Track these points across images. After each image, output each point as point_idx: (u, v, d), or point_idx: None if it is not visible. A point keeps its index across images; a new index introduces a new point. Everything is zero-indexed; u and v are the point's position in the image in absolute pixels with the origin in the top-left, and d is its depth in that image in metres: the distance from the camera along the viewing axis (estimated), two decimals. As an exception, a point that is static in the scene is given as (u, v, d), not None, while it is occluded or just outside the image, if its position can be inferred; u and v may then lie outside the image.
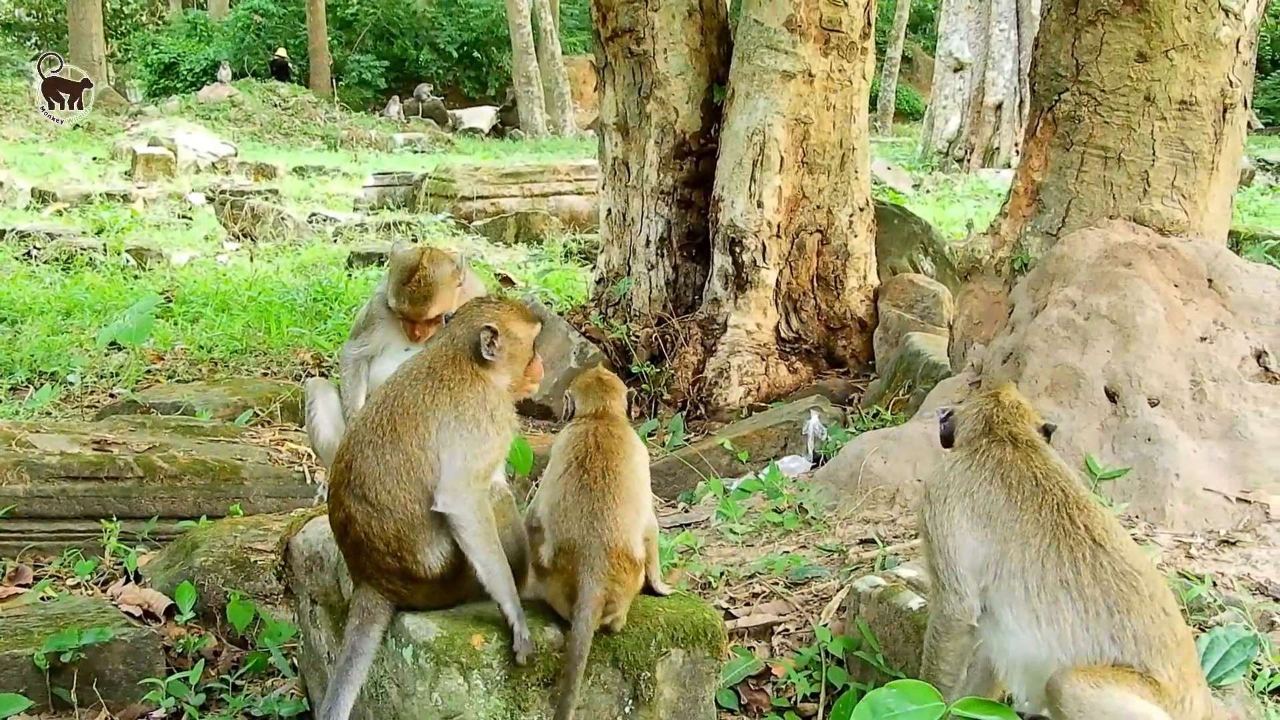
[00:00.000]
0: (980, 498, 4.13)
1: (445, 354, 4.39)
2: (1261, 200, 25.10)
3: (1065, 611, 3.89)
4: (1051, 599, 3.92)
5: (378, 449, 4.18)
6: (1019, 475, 4.15)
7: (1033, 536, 4.00)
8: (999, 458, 4.22)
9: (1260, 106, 50.07)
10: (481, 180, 24.07)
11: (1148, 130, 7.61)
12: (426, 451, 4.16)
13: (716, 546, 7.11)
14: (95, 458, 7.75)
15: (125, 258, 17.40)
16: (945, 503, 4.18)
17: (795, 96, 11.05)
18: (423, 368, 4.36)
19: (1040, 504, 4.07)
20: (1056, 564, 3.94)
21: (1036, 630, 3.92)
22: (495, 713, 4.16)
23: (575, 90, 53.55)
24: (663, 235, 11.86)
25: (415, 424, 4.18)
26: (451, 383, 4.28)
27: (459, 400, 4.23)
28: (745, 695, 5.66)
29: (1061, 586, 3.92)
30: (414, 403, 4.23)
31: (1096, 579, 3.90)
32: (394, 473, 4.14)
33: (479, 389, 4.29)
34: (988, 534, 4.06)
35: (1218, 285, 7.27)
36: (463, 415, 4.21)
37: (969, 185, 29.79)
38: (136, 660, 5.95)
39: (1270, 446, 6.55)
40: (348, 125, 46.68)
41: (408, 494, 4.13)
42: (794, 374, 11.20)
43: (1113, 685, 3.71)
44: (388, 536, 4.13)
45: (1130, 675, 3.76)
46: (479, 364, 4.34)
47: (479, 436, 4.21)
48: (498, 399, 4.31)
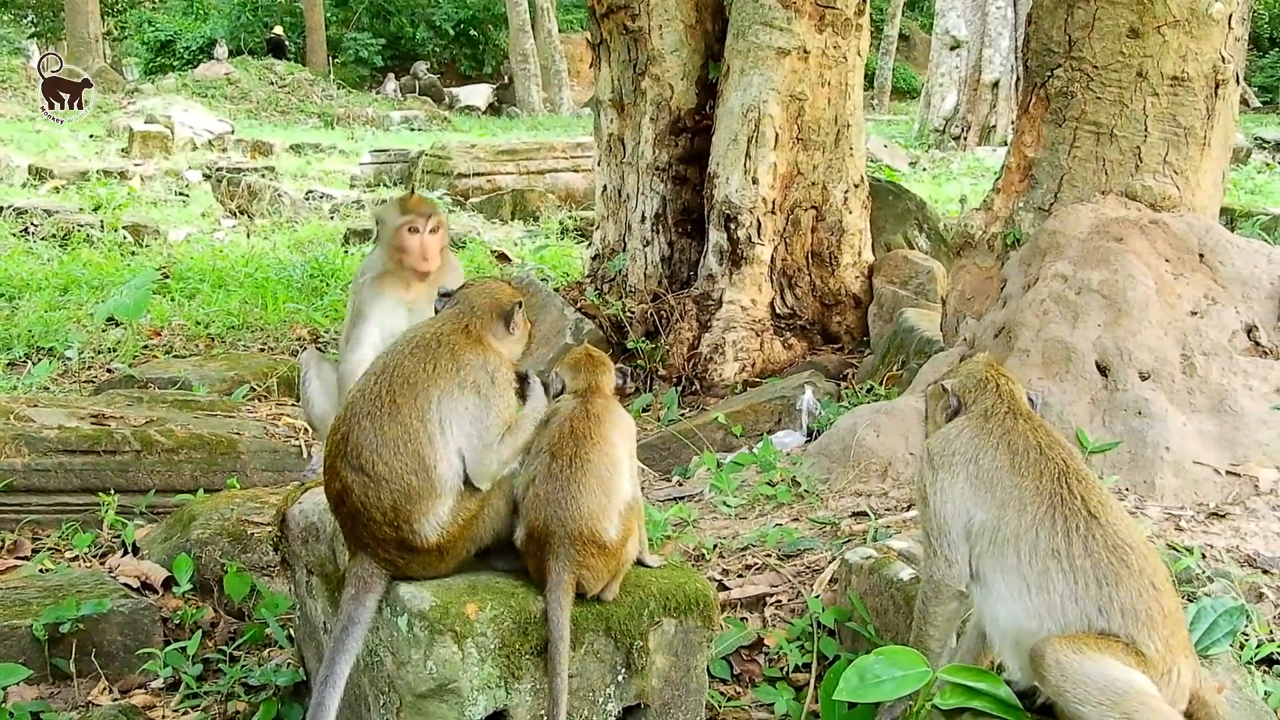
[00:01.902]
0: (985, 463, 4.15)
1: (458, 320, 4.45)
2: (1258, 178, 25.07)
3: (1055, 581, 3.92)
4: (1042, 568, 3.95)
5: (375, 420, 4.21)
6: (1025, 444, 4.19)
7: (1030, 504, 4.03)
8: (1007, 426, 4.26)
9: (1258, 85, 50.07)
10: (478, 157, 24.04)
11: (1140, 106, 7.63)
12: (426, 424, 4.20)
13: (710, 519, 7.16)
14: (93, 432, 7.78)
15: (122, 234, 17.41)
16: (950, 468, 4.21)
17: (790, 73, 11.06)
18: (429, 334, 4.41)
19: (1041, 472, 4.11)
20: (1050, 533, 3.97)
21: (1027, 598, 3.95)
22: (489, 680, 4.20)
23: (572, 68, 53.47)
24: (658, 211, 11.87)
25: (414, 395, 4.22)
26: (456, 347, 4.33)
27: (460, 365, 4.28)
28: (738, 665, 5.71)
29: (1053, 556, 3.94)
30: (414, 373, 4.26)
31: (1088, 550, 3.93)
32: (391, 444, 4.17)
33: (480, 353, 4.35)
34: (988, 499, 4.09)
35: (1209, 260, 7.31)
36: (464, 382, 4.27)
37: (965, 163, 29.74)
38: (134, 631, 6.00)
39: (1259, 420, 6.59)
40: (344, 103, 46.58)
41: (404, 465, 4.16)
42: (788, 350, 11.21)
43: (1095, 652, 3.75)
44: (384, 507, 4.16)
45: (1114, 644, 3.79)
46: (493, 335, 4.41)
47: (484, 405, 4.27)
48: (498, 363, 4.38)
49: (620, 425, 4.57)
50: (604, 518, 4.31)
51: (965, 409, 4.39)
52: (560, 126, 41.56)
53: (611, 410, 4.58)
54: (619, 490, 4.40)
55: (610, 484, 4.38)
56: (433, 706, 4.17)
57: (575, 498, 4.30)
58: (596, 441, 4.41)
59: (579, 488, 4.31)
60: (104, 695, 5.78)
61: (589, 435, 4.42)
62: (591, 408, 4.52)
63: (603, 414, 4.52)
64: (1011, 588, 3.99)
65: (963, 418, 4.36)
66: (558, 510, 4.29)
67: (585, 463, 4.35)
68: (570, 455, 4.37)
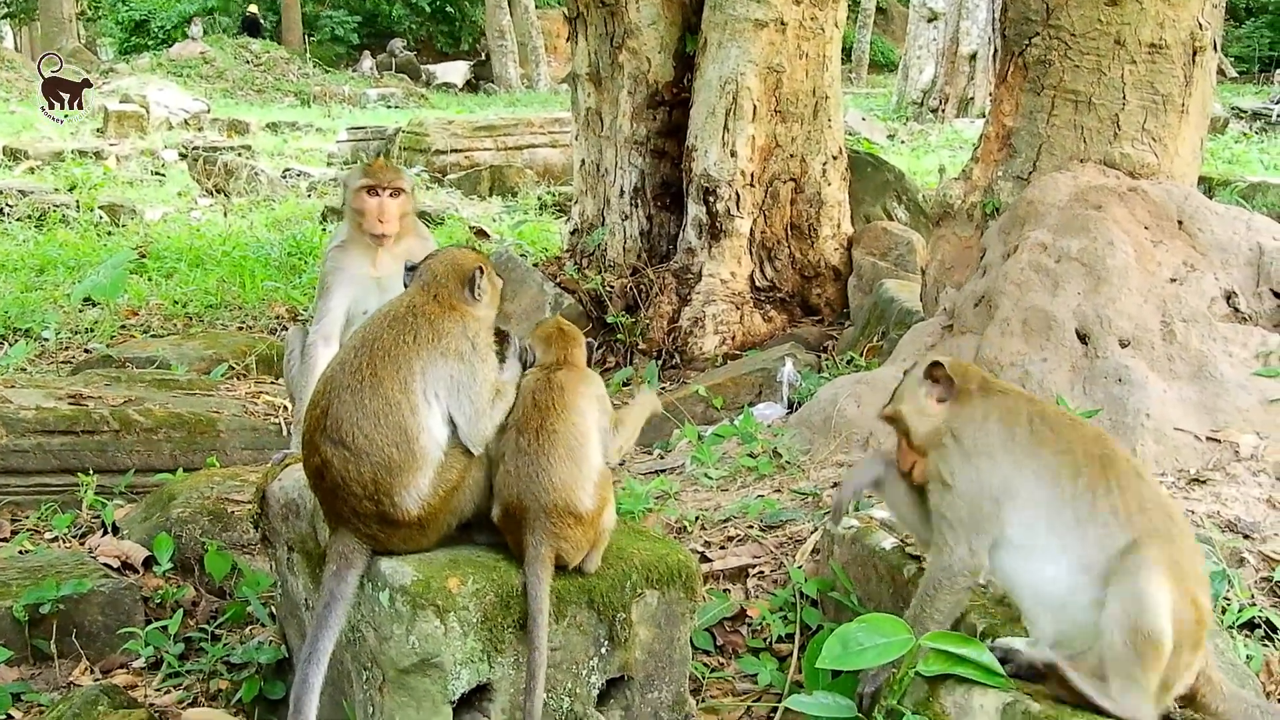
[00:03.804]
0: (1023, 437, 4.09)
1: (426, 291, 4.42)
2: (1235, 148, 25.13)
3: (1116, 538, 3.91)
4: (1102, 529, 3.93)
5: (356, 393, 4.18)
6: (1054, 411, 4.19)
7: (1084, 467, 4.00)
8: (1028, 398, 4.25)
9: (1235, 55, 50.04)
10: (455, 134, 23.98)
11: (1118, 74, 7.62)
12: (409, 394, 4.18)
13: (692, 492, 7.16)
14: (71, 412, 7.76)
15: (98, 214, 17.36)
16: (987, 452, 4.12)
17: (767, 45, 11.03)
18: (402, 307, 4.38)
19: (1083, 437, 4.11)
20: (1106, 493, 3.95)
21: (1079, 560, 3.94)
22: (472, 654, 4.19)
23: (549, 44, 53.27)
24: (636, 185, 11.84)
25: (397, 367, 4.20)
26: (432, 316, 4.31)
27: (440, 333, 4.26)
28: (721, 637, 5.72)
29: (1112, 514, 3.94)
30: (394, 344, 4.24)
31: (1143, 509, 3.94)
32: (372, 416, 4.15)
33: (458, 320, 4.33)
34: (1036, 469, 4.03)
35: (1187, 227, 7.31)
36: (447, 350, 4.25)
37: (943, 135, 29.78)
38: (115, 611, 6.00)
39: (1239, 386, 6.60)
40: (321, 81, 46.39)
41: (385, 437, 4.14)
42: (769, 322, 11.22)
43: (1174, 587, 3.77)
44: (364, 480, 4.15)
45: (1189, 591, 3.83)
46: (465, 301, 4.39)
47: (469, 369, 4.26)
48: (477, 328, 4.37)
49: (587, 395, 4.53)
50: (577, 488, 4.30)
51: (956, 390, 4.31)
52: (538, 102, 41.44)
53: (577, 380, 4.54)
54: (589, 460, 4.38)
55: (580, 454, 4.36)
56: (415, 681, 4.16)
57: (546, 471, 4.28)
58: (561, 413, 4.39)
59: (548, 460, 4.29)
60: (85, 675, 5.78)
61: (553, 407, 4.39)
62: (555, 379, 4.49)
63: (567, 385, 4.49)
64: (1068, 552, 3.96)
65: (976, 399, 4.26)
66: (530, 485, 4.27)
67: (552, 434, 4.33)
68: (536, 429, 4.34)
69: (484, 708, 4.31)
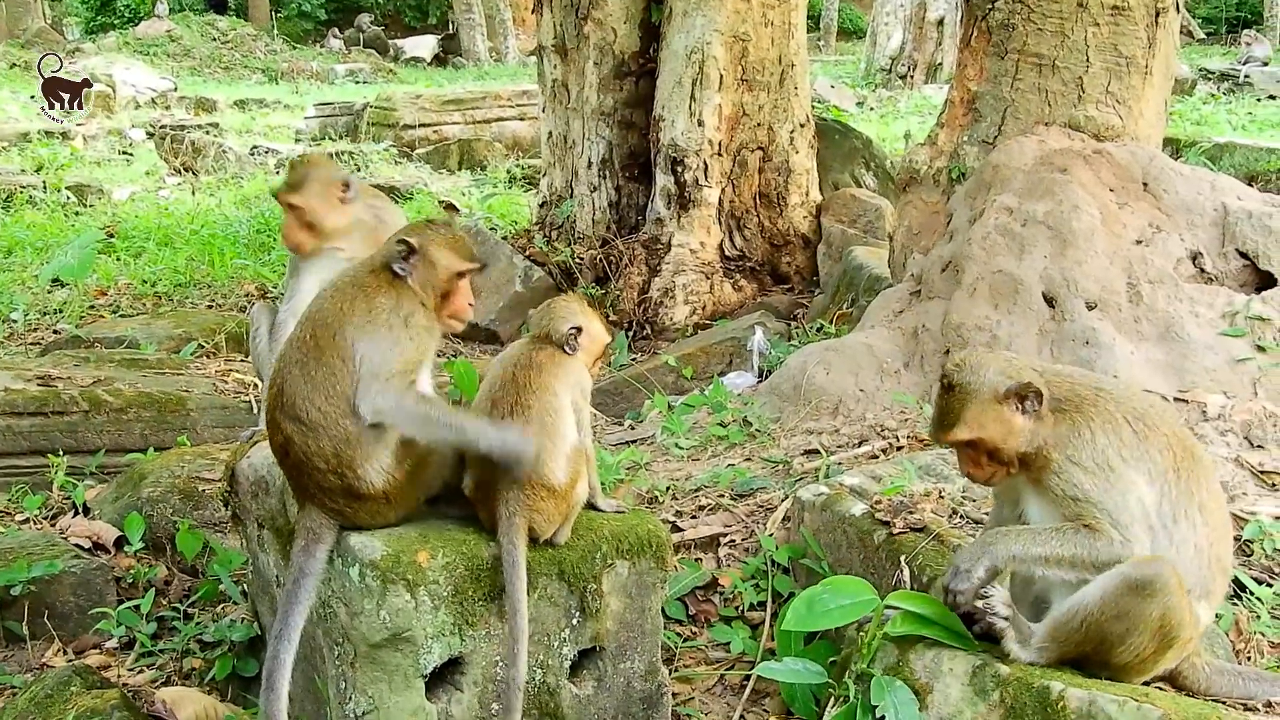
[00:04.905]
0: (1130, 443, 4.01)
1: (369, 264, 4.40)
2: (1203, 109, 25.17)
3: (1199, 532, 3.99)
4: (1191, 523, 3.99)
5: (303, 366, 4.18)
6: (1143, 406, 4.14)
7: (1182, 466, 4.01)
8: (1110, 395, 4.16)
9: (1202, 17, 50.13)
10: (423, 108, 23.91)
11: (1081, 36, 7.64)
12: (347, 363, 4.15)
13: (662, 461, 7.17)
14: (40, 393, 7.72)
15: (65, 195, 17.25)
16: (1108, 467, 4.00)
17: (733, 13, 11.03)
18: (346, 278, 4.37)
19: (1173, 429, 4.12)
20: (1196, 491, 4.00)
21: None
22: (443, 628, 4.20)
23: (517, 15, 53.03)
24: (604, 157, 11.84)
25: (333, 334, 4.17)
26: (368, 288, 4.27)
27: (372, 306, 4.22)
28: (693, 606, 5.74)
29: (1200, 510, 3.99)
30: (333, 313, 4.22)
31: (1218, 504, 4.06)
32: (320, 388, 4.14)
33: (393, 295, 4.27)
34: (1150, 470, 3.99)
35: (1153, 189, 7.33)
36: (375, 319, 4.20)
37: (912, 101, 29.77)
38: (87, 591, 5.98)
39: (1206, 346, 6.64)
40: (288, 58, 46.12)
41: (336, 409, 4.13)
42: (739, 291, 11.24)
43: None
44: (326, 454, 4.14)
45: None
46: (396, 277, 4.33)
47: (390, 340, 4.18)
48: (413, 307, 4.29)
49: (564, 375, 4.53)
50: (550, 461, 4.31)
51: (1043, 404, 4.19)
52: (506, 75, 41.31)
53: (557, 360, 4.55)
54: (562, 435, 4.39)
55: (553, 429, 4.36)
56: (387, 656, 4.17)
57: None
58: (537, 390, 4.40)
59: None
60: (58, 656, 5.76)
61: (529, 384, 4.40)
62: (536, 358, 4.50)
63: (546, 363, 4.50)
64: (1157, 548, 3.96)
65: (1072, 411, 4.15)
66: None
67: (525, 409, 4.34)
68: (511, 403, 4.36)
69: (456, 681, 4.32)
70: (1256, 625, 4.93)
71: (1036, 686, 3.81)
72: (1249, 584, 5.11)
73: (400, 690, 4.19)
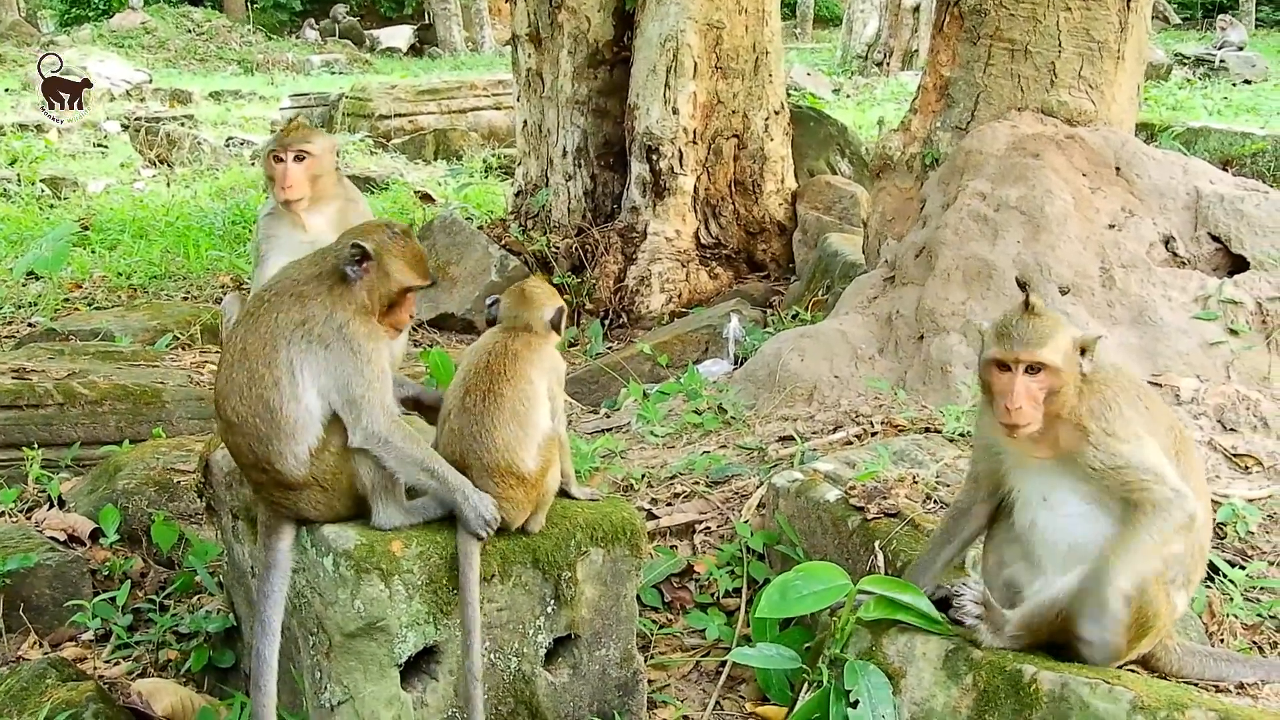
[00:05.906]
0: (1145, 416, 4.05)
1: (314, 265, 4.37)
2: (1179, 94, 25.24)
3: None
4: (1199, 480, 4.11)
5: (230, 367, 4.23)
6: (1140, 385, 4.21)
7: (1178, 442, 4.09)
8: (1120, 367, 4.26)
9: (1178, 2, 50.25)
10: (399, 98, 23.89)
11: (1053, 21, 7.64)
12: (272, 368, 4.16)
13: (638, 449, 7.18)
14: (15, 386, 7.70)
15: (40, 188, 17.18)
16: (1138, 435, 4.00)
17: (707, 1, 11.02)
18: (288, 280, 4.34)
19: (1163, 408, 4.24)
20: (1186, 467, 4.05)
21: None
22: (417, 617, 4.20)
23: (492, 5, 52.96)
24: (579, 145, 11.83)
25: (263, 343, 4.19)
26: (305, 296, 4.25)
27: (306, 316, 4.20)
28: (669, 593, 5.75)
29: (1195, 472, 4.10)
30: (267, 322, 4.22)
31: (1204, 490, 4.15)
32: (239, 390, 4.19)
33: (328, 304, 4.23)
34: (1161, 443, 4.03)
35: (1125, 173, 7.35)
36: (310, 334, 4.19)
37: (889, 88, 29.82)
38: (63, 584, 5.98)
39: (1179, 330, 6.66)
40: (263, 49, 46.01)
41: (249, 409, 4.17)
42: (714, 279, 11.25)
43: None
44: (244, 451, 4.23)
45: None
46: (340, 281, 4.29)
47: (339, 359, 4.18)
48: (347, 315, 4.24)
49: (539, 362, 4.53)
50: (520, 449, 4.31)
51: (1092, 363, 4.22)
52: (482, 65, 41.26)
53: (533, 348, 4.55)
54: (535, 423, 4.39)
55: (525, 417, 4.37)
56: (362, 645, 4.17)
57: (490, 431, 4.30)
58: (511, 378, 4.40)
59: (493, 421, 4.31)
60: (34, 649, 5.76)
61: (503, 371, 4.41)
62: (511, 347, 4.50)
63: (521, 351, 4.50)
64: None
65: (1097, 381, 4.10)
66: (473, 444, 4.29)
67: (499, 397, 4.35)
68: (484, 390, 4.36)
69: (431, 670, 4.33)
70: (1229, 607, 4.95)
71: (1009, 670, 3.84)
72: (1222, 566, 5.14)
73: (375, 679, 4.20)
